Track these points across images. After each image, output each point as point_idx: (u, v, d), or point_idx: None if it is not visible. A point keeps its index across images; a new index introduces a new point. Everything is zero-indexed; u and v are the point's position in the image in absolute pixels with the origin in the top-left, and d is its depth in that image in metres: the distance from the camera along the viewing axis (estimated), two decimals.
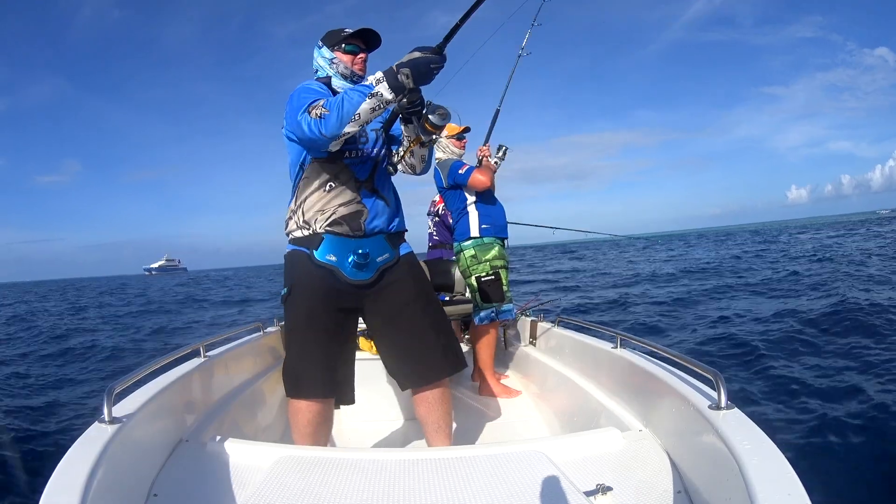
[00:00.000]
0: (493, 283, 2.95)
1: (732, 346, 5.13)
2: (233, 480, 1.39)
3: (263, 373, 2.52)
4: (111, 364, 6.99)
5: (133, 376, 1.48)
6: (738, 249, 21.72)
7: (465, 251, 3.02)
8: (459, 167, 2.99)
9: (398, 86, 1.48)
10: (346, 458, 1.50)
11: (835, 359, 4.32)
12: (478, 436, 2.42)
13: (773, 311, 6.65)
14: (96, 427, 1.22)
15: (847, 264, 10.98)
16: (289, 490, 1.25)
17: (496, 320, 2.97)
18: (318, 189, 1.73)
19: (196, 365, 1.93)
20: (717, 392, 1.25)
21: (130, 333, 10.12)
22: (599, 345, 2.19)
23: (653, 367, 1.67)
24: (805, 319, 5.93)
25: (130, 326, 11.39)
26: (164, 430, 1.55)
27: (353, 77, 1.82)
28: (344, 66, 1.81)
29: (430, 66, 1.46)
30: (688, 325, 6.66)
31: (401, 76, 1.46)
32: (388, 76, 1.48)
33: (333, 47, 1.81)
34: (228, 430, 1.80)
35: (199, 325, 11.51)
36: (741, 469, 0.97)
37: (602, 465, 1.42)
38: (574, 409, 2.22)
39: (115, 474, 1.13)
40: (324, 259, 1.71)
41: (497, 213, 3.08)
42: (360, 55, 1.83)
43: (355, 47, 1.82)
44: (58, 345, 8.89)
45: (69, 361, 7.35)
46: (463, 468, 1.37)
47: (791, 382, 3.83)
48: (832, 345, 4.78)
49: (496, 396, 2.90)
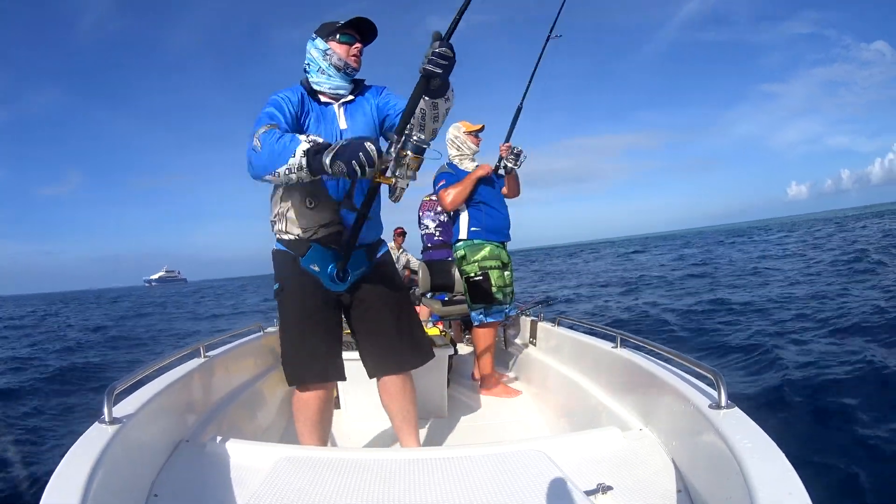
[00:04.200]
0: (480, 284, 2.93)
1: (733, 345, 5.13)
2: (233, 481, 1.39)
3: (263, 373, 2.52)
4: (112, 365, 6.99)
5: (133, 376, 1.48)
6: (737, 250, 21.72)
7: (457, 251, 3.04)
8: (438, 181, 2.98)
9: (317, 165, 1.42)
10: (346, 458, 1.50)
11: (835, 358, 4.31)
12: (478, 436, 2.42)
13: (773, 310, 6.65)
14: (96, 427, 1.22)
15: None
16: (289, 490, 1.25)
17: (485, 322, 2.97)
18: (298, 205, 1.71)
19: (196, 365, 1.93)
20: (717, 391, 1.25)
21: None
22: (599, 344, 2.19)
23: (653, 367, 1.67)
24: (805, 317, 5.93)
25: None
26: (165, 430, 1.55)
27: (347, 69, 1.76)
28: (338, 57, 1.74)
29: (359, 155, 1.36)
30: (688, 326, 6.66)
31: (326, 154, 1.40)
32: (309, 154, 1.42)
33: (328, 38, 1.75)
34: (228, 430, 1.80)
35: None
36: (742, 468, 0.97)
37: (602, 464, 1.42)
38: (574, 408, 2.22)
39: (116, 475, 1.13)
40: (307, 266, 1.74)
41: (492, 218, 3.02)
42: (356, 45, 1.76)
43: (350, 38, 1.75)
44: (60, 344, 8.90)
45: (69, 361, 7.36)
46: (463, 468, 1.37)
47: (791, 382, 3.83)
48: (833, 344, 4.78)
49: (496, 396, 2.90)
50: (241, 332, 2.72)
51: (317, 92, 1.78)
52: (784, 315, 6.27)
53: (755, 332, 5.53)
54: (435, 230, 4.57)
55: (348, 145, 1.39)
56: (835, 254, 13.01)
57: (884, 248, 12.73)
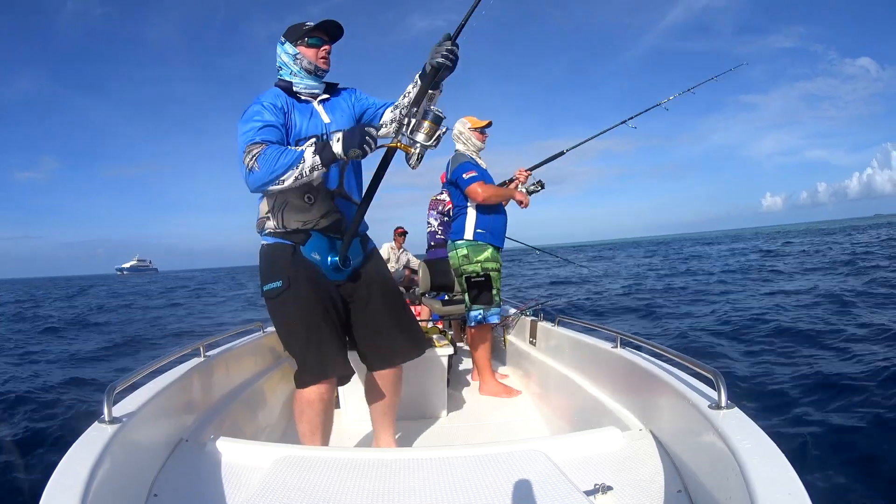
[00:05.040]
0: (482, 285, 2.93)
1: (732, 346, 5.13)
2: (233, 480, 1.39)
3: (263, 372, 2.52)
4: (112, 364, 6.99)
5: (133, 376, 1.48)
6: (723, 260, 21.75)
7: (457, 249, 3.00)
8: (466, 170, 2.91)
9: (329, 157, 1.61)
10: (346, 457, 1.50)
11: (835, 357, 4.32)
12: (478, 436, 2.42)
13: (771, 309, 6.65)
14: (96, 427, 1.22)
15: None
16: (289, 490, 1.25)
17: (483, 323, 2.97)
18: (297, 202, 1.75)
19: (196, 365, 1.93)
20: (717, 391, 1.25)
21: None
22: (599, 344, 2.19)
23: (653, 367, 1.67)
24: (805, 317, 5.93)
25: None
26: (165, 429, 1.55)
27: (318, 71, 1.82)
28: (308, 60, 1.79)
29: (364, 136, 1.58)
30: (687, 324, 6.66)
31: (334, 146, 1.60)
32: (318, 146, 1.61)
33: (297, 42, 1.80)
34: (228, 430, 1.80)
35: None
36: (741, 468, 0.97)
37: (602, 464, 1.42)
38: (574, 408, 2.22)
39: (116, 474, 1.13)
40: (309, 256, 1.77)
41: (497, 222, 3.03)
42: (324, 47, 1.82)
43: (318, 40, 1.80)
44: (60, 344, 8.90)
45: (70, 362, 7.35)
46: (463, 468, 1.37)
47: (792, 382, 3.83)
48: (833, 343, 4.78)
49: (496, 396, 2.90)
50: (240, 331, 2.71)
51: (294, 91, 1.82)
52: (787, 316, 6.28)
53: (756, 332, 5.54)
54: (438, 228, 4.58)
55: (350, 133, 1.61)
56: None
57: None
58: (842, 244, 21.36)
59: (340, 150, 1.59)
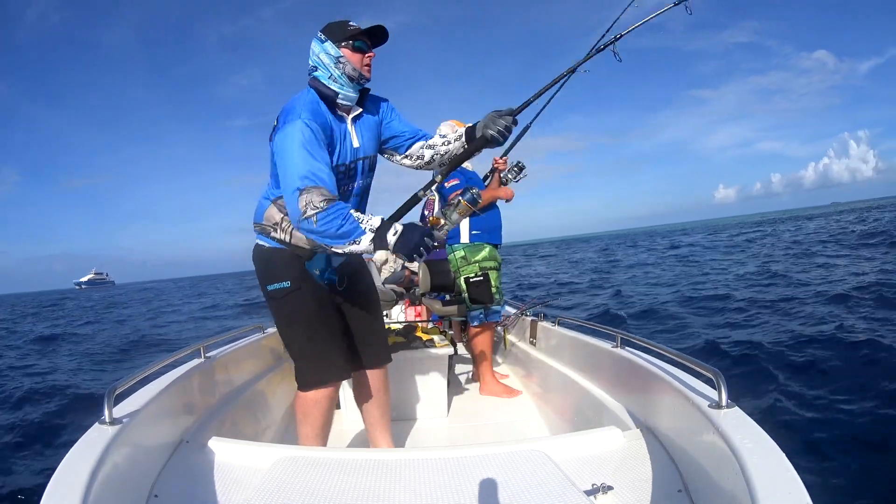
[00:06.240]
0: (481, 285, 2.93)
1: (733, 345, 5.13)
2: (233, 481, 1.39)
3: (263, 373, 2.52)
4: (113, 366, 6.99)
5: (133, 377, 1.48)
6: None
7: (455, 252, 3.02)
8: (451, 178, 2.87)
9: (382, 246, 1.52)
10: (346, 458, 1.50)
11: (835, 357, 4.31)
12: (478, 436, 2.42)
13: (772, 309, 6.65)
14: (97, 428, 1.22)
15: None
16: (288, 490, 1.25)
17: (485, 322, 2.97)
18: None
19: (196, 366, 1.93)
20: (717, 391, 1.25)
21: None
22: (599, 344, 2.19)
23: (653, 367, 1.67)
24: (805, 317, 5.93)
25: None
26: (165, 430, 1.55)
27: (361, 79, 1.67)
28: (352, 66, 1.64)
29: (420, 243, 1.51)
30: (686, 324, 6.66)
31: (389, 238, 1.51)
32: (378, 233, 1.51)
33: (340, 43, 1.63)
34: (229, 430, 1.81)
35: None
36: (742, 468, 0.97)
37: (602, 464, 1.42)
38: (574, 408, 2.22)
39: (116, 475, 1.13)
40: (311, 270, 1.78)
41: (491, 220, 3.04)
42: (369, 54, 1.67)
43: (364, 44, 1.66)
44: (56, 351, 8.89)
45: (70, 361, 7.35)
46: (463, 468, 1.37)
47: (792, 382, 3.83)
48: (833, 342, 4.77)
49: (496, 396, 2.90)
50: (241, 332, 2.71)
51: (331, 100, 1.68)
52: (787, 315, 6.28)
53: (756, 331, 5.54)
54: None
55: (409, 234, 1.51)
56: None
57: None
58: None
59: (391, 247, 1.51)
